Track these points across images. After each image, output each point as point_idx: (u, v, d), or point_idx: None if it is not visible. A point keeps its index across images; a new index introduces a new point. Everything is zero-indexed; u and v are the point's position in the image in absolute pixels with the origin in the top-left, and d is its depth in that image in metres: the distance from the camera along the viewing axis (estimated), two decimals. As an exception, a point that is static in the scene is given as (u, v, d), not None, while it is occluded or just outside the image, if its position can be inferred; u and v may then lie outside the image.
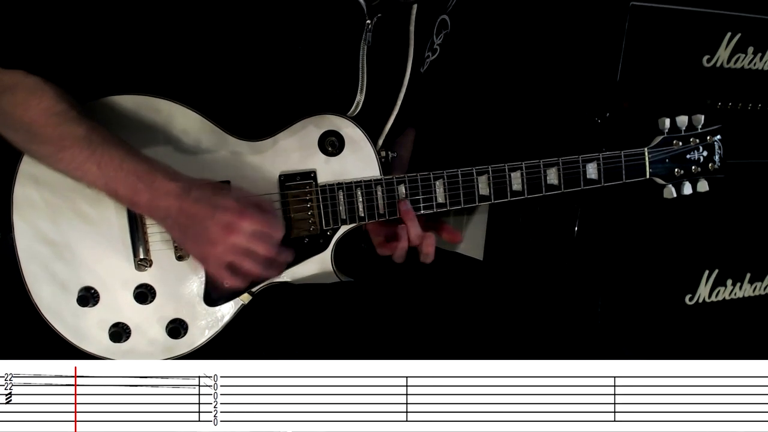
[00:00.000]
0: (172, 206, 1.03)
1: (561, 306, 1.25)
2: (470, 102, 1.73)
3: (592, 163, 1.28)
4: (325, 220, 1.16)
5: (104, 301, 1.11)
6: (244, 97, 1.15)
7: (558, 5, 1.81)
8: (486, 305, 1.23)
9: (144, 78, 1.12)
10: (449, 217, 2.25)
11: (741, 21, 1.71)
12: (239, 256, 1.04)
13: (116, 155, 1.03)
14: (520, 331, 1.18)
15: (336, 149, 1.16)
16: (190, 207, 1.03)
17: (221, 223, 1.02)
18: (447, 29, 1.34)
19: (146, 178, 1.03)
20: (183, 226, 1.04)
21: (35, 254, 1.10)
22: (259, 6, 1.08)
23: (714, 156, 1.34)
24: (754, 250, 1.92)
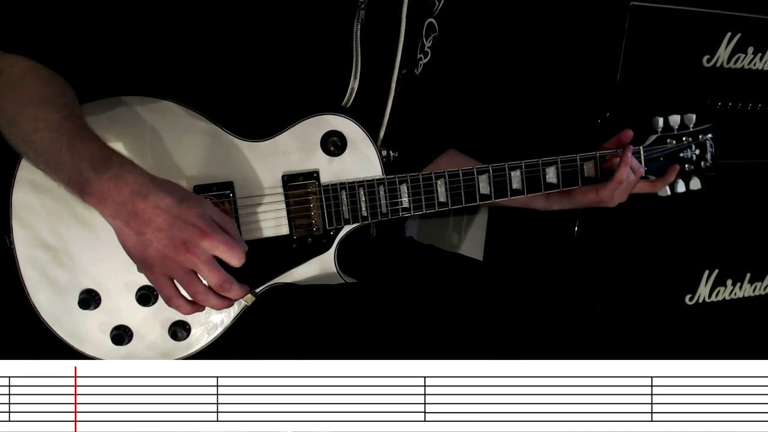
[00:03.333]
0: (125, 203, 0.94)
1: (561, 306, 1.25)
2: (470, 103, 1.73)
3: (590, 162, 1.29)
4: (328, 220, 1.16)
5: (106, 304, 1.10)
6: (240, 81, 1.15)
7: (558, 5, 1.81)
8: (486, 305, 1.23)
9: (143, 77, 1.12)
10: (449, 218, 2.26)
11: (741, 21, 1.71)
12: (187, 277, 0.97)
13: (79, 144, 0.96)
14: (520, 332, 1.18)
15: (338, 149, 1.16)
16: (145, 210, 0.94)
17: (178, 238, 0.94)
18: (435, 33, 1.35)
19: (101, 168, 0.94)
20: (133, 229, 0.95)
21: (34, 260, 1.09)
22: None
23: (706, 154, 1.37)
24: (754, 250, 1.92)
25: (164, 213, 0.94)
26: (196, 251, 0.95)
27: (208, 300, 1.00)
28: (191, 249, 0.94)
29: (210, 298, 0.99)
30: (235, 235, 1.01)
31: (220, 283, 0.97)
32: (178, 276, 0.97)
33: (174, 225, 0.94)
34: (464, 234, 2.23)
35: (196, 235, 0.94)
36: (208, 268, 0.96)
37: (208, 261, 0.96)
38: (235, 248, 0.96)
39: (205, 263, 0.96)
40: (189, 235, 0.94)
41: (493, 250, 2.12)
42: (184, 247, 0.94)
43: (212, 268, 0.96)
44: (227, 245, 0.96)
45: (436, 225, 2.26)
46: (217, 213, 1.00)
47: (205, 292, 0.99)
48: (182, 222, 0.94)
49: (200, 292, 0.98)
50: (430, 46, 1.34)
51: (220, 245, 0.95)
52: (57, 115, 0.99)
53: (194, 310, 1.02)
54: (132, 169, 0.96)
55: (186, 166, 1.11)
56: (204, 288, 0.98)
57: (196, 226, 0.94)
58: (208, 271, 0.96)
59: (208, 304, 1.01)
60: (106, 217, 0.97)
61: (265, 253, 1.14)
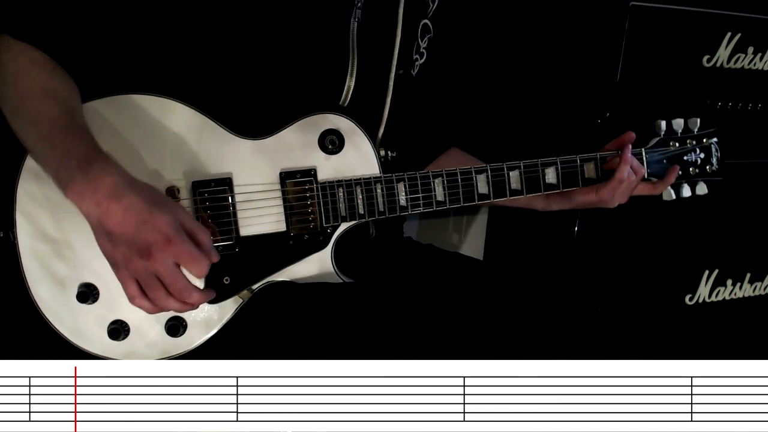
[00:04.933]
0: (100, 204, 0.96)
1: (561, 306, 1.25)
2: (468, 104, 1.73)
3: (590, 163, 1.29)
4: (325, 217, 1.16)
5: (104, 298, 1.10)
6: (239, 79, 1.16)
7: (558, 5, 1.82)
8: (486, 305, 1.23)
9: (143, 75, 1.13)
10: (449, 218, 2.26)
11: (741, 21, 1.71)
12: (149, 280, 0.97)
13: (71, 141, 0.99)
14: (519, 332, 1.18)
15: (336, 147, 1.16)
16: (117, 212, 0.95)
17: (143, 242, 0.95)
18: (430, 33, 1.35)
19: (84, 167, 0.96)
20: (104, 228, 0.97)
21: (36, 251, 1.09)
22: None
23: (711, 158, 1.35)
24: (754, 250, 1.92)
25: (133, 217, 0.95)
26: (158, 257, 0.95)
27: (168, 304, 1.00)
28: (153, 255, 0.95)
29: (170, 303, 1.00)
30: (206, 244, 1.01)
31: (179, 291, 0.98)
32: (140, 278, 0.98)
33: (141, 229, 0.95)
34: (464, 234, 2.23)
35: (160, 241, 0.95)
36: (168, 275, 0.97)
37: (169, 268, 0.97)
38: (198, 259, 0.97)
39: (165, 270, 0.96)
40: (153, 241, 0.95)
41: (493, 250, 2.12)
42: (147, 252, 0.95)
43: (172, 275, 0.97)
44: (189, 256, 0.96)
45: (435, 225, 2.26)
46: (189, 220, 1.00)
47: (165, 297, 0.99)
48: (150, 227, 0.95)
49: (160, 297, 0.99)
50: (426, 47, 1.35)
51: (183, 255, 0.96)
52: (56, 110, 1.01)
53: (157, 311, 1.03)
54: (113, 171, 0.97)
55: (184, 162, 1.11)
56: (164, 293, 0.99)
57: (162, 232, 0.95)
58: (168, 278, 0.97)
59: (168, 308, 1.02)
60: (83, 214, 0.99)
61: (262, 249, 1.15)
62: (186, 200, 1.12)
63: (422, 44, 1.34)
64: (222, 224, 1.13)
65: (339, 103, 1.21)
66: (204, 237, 1.01)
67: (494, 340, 1.16)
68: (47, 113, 1.01)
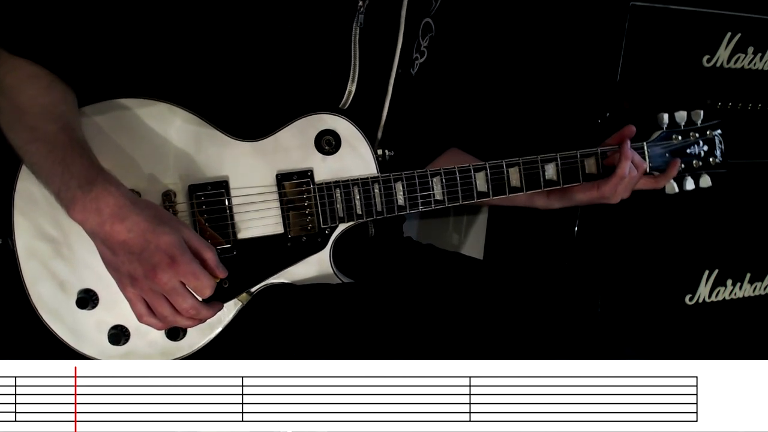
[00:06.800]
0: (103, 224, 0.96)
1: (561, 306, 1.25)
2: (468, 103, 1.73)
3: (591, 158, 1.28)
4: (322, 218, 1.16)
5: (103, 303, 1.10)
6: (237, 83, 1.15)
7: (558, 5, 1.82)
8: (486, 305, 1.23)
9: (140, 79, 1.13)
10: (449, 218, 2.26)
11: (741, 21, 1.71)
12: (156, 299, 0.98)
13: (70, 160, 0.98)
14: (519, 331, 1.18)
15: (333, 148, 1.16)
16: (120, 232, 0.95)
17: (148, 263, 0.95)
18: (432, 32, 1.35)
19: (86, 187, 0.96)
20: (109, 248, 0.97)
21: (35, 251, 1.09)
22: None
23: (715, 151, 1.34)
24: (754, 250, 1.92)
25: (137, 237, 0.95)
26: (164, 278, 0.96)
27: (176, 321, 1.01)
28: (159, 275, 0.95)
29: (178, 320, 1.01)
30: (213, 263, 1.01)
31: (186, 310, 0.99)
32: (147, 297, 0.99)
33: (145, 249, 0.95)
34: (464, 234, 2.24)
35: (165, 262, 0.95)
36: (175, 294, 0.97)
37: (175, 288, 0.97)
38: (202, 279, 0.97)
39: (171, 290, 0.97)
40: (158, 261, 0.95)
41: (493, 250, 2.12)
42: (152, 272, 0.95)
43: (179, 295, 0.98)
44: (194, 276, 0.97)
45: (435, 225, 2.26)
46: (194, 239, 1.00)
47: (172, 315, 1.00)
48: (154, 247, 0.95)
49: (168, 315, 1.00)
50: (427, 46, 1.34)
51: (188, 275, 0.97)
52: (53, 127, 1.00)
53: (165, 327, 1.04)
54: (114, 191, 0.97)
55: (180, 166, 1.11)
56: (171, 311, 1.00)
57: (166, 252, 0.95)
58: (174, 297, 0.98)
59: (177, 324, 1.03)
60: (88, 233, 0.99)
61: (260, 252, 1.15)
62: (182, 204, 1.12)
63: (423, 43, 1.34)
64: (219, 228, 1.13)
65: (339, 107, 1.21)
66: (209, 254, 1.01)
67: (494, 340, 1.16)
68: (45, 131, 1.00)
